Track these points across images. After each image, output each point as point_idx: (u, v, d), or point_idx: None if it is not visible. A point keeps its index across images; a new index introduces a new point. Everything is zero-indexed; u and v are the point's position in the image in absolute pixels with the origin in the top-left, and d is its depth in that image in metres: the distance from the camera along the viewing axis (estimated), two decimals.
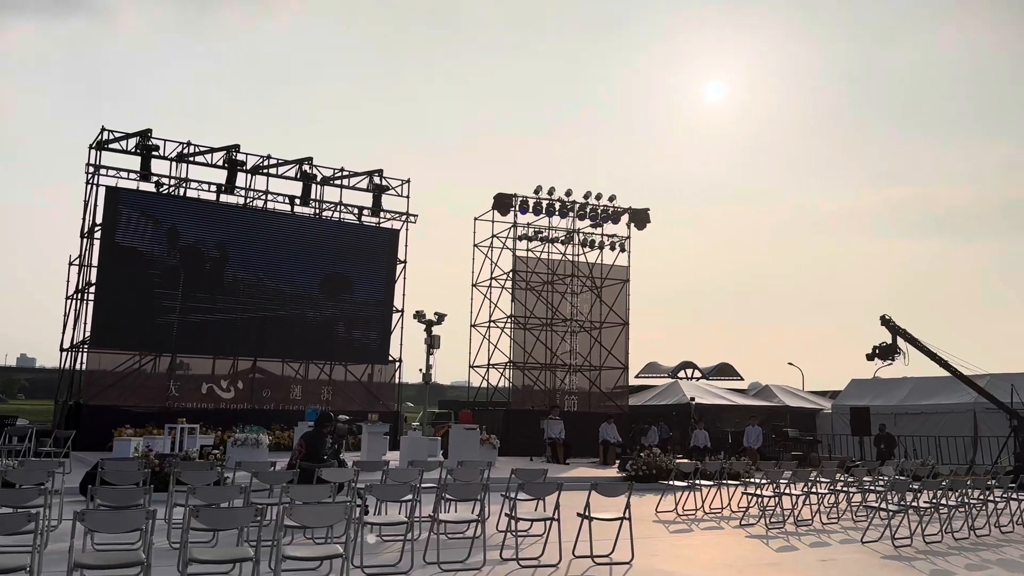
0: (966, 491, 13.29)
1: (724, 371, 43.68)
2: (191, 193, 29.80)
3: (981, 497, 13.62)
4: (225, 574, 8.15)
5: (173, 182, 29.53)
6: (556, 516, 9.45)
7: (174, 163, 29.47)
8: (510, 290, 30.85)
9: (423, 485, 10.76)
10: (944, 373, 24.51)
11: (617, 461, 21.89)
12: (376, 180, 32.76)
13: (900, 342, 23.87)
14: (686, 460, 18.19)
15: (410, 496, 9.41)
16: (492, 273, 31.55)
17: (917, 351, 23.72)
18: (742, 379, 43.14)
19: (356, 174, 32.46)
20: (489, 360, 31.17)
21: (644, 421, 30.67)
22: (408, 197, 33.04)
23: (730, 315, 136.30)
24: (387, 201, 33.02)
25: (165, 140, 29.26)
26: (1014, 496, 14.56)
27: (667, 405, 33.97)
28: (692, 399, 32.93)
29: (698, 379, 42.18)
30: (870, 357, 23.88)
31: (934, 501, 12.95)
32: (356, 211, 32.62)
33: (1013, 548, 11.71)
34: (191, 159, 29.73)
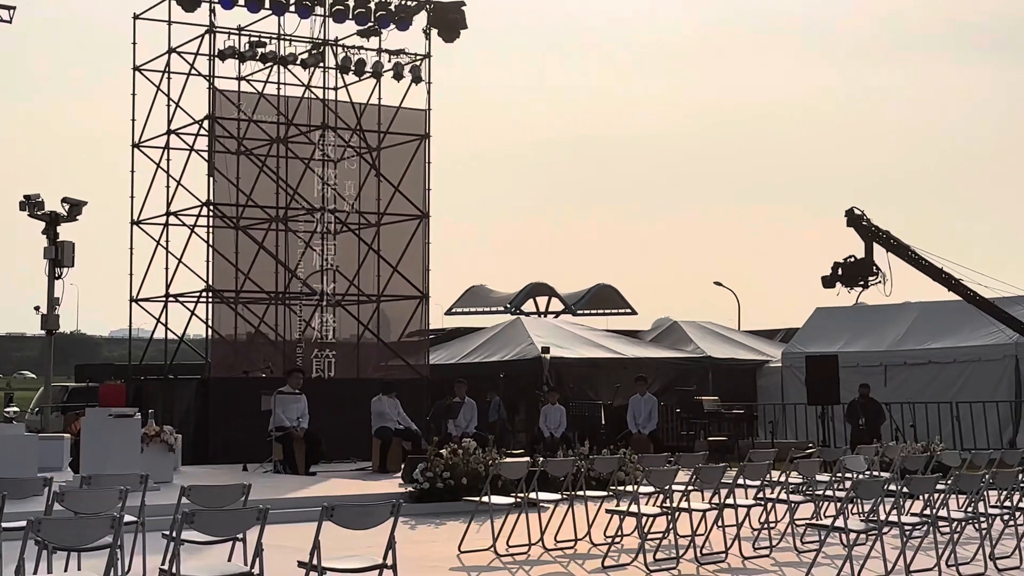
0: (981, 494, 10.59)
1: (603, 300, 38.72)
2: None
3: (1009, 505, 10.97)
4: None
5: None
6: (256, 570, 7.26)
7: None
8: (206, 156, 23.17)
9: (9, 525, 8.08)
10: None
11: (403, 465, 17.86)
12: None
13: (879, 253, 20.90)
14: (525, 458, 15.48)
15: None
16: (171, 123, 23.85)
17: (909, 265, 20.97)
18: (634, 312, 38.25)
19: None
20: (168, 288, 23.56)
21: (455, 392, 23.10)
22: None
23: (611, 201, 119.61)
24: None
25: None
26: None
27: (502, 363, 27.96)
28: (545, 351, 26.90)
29: (559, 314, 37.95)
30: (828, 282, 21.69)
31: (928, 515, 10.59)
32: None
33: None
34: None
